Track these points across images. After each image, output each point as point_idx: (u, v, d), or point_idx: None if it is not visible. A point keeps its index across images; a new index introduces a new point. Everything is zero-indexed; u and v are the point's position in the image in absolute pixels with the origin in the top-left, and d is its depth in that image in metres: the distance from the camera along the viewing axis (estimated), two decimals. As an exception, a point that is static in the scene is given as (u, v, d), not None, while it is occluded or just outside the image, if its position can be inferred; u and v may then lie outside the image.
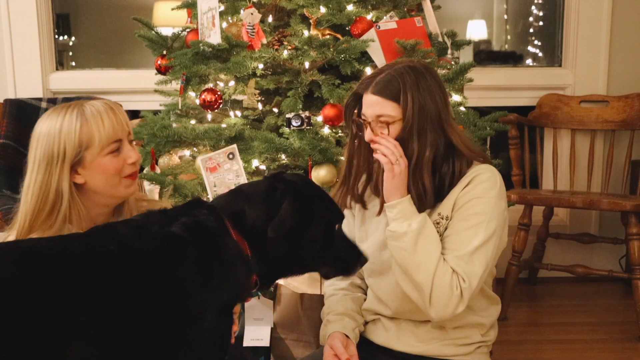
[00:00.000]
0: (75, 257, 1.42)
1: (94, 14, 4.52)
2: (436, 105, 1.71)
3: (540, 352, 2.80)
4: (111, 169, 1.72)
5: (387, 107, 1.70)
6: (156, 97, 2.73)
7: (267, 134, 2.26)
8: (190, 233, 1.49)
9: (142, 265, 1.44)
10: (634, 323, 2.96)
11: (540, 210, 3.46)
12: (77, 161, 1.70)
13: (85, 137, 1.69)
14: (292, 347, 2.26)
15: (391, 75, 1.71)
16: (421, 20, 2.46)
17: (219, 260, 1.49)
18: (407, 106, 1.68)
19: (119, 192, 1.76)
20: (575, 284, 3.58)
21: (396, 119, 1.70)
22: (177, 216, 1.53)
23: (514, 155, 3.45)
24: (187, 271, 1.45)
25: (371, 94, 1.72)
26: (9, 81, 3.53)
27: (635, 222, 2.96)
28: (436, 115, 1.71)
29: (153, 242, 1.47)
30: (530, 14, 4.47)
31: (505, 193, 1.76)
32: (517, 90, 3.69)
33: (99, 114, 1.71)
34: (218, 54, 2.27)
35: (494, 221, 1.69)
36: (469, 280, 1.64)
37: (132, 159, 1.74)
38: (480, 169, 1.74)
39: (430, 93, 1.71)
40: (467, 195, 1.70)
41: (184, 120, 2.49)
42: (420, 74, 1.72)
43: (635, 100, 3.45)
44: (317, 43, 2.26)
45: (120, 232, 1.49)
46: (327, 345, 1.79)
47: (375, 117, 1.71)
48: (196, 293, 1.45)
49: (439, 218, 1.72)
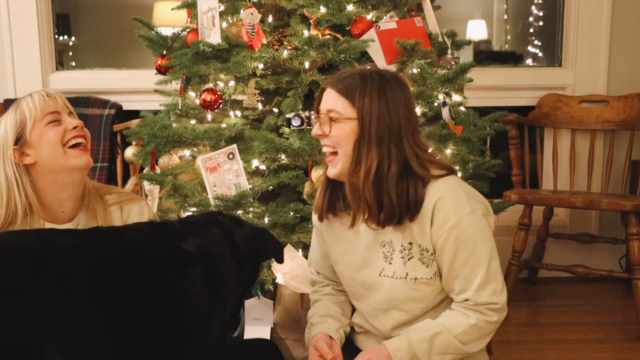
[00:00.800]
0: (67, 254, 1.39)
1: (94, 14, 4.52)
2: (397, 117, 1.64)
3: (540, 352, 2.80)
4: (52, 137, 1.77)
5: (338, 102, 1.65)
6: (156, 97, 2.73)
7: (267, 134, 2.26)
8: (200, 253, 1.51)
9: (147, 273, 1.43)
10: (634, 323, 2.96)
11: (540, 210, 3.46)
12: (21, 142, 1.77)
13: (20, 118, 1.77)
14: (292, 347, 2.26)
15: (354, 76, 1.67)
16: (421, 20, 2.46)
17: (223, 280, 1.53)
18: (363, 108, 1.62)
19: (69, 163, 1.79)
20: (575, 284, 3.58)
21: (343, 118, 1.64)
22: (185, 234, 1.55)
23: (514, 155, 3.45)
24: (192, 288, 1.46)
25: (330, 89, 1.69)
26: (9, 81, 3.53)
27: (635, 222, 2.96)
28: (396, 129, 1.64)
29: (160, 253, 1.47)
30: (530, 14, 4.47)
31: (473, 193, 1.70)
32: (517, 90, 3.69)
33: (29, 95, 1.81)
34: (218, 54, 2.27)
35: (484, 234, 1.65)
36: (499, 297, 1.65)
37: (72, 124, 1.80)
38: (439, 191, 1.65)
39: (394, 104, 1.64)
40: (443, 230, 1.63)
41: (184, 120, 2.49)
42: (387, 83, 1.66)
43: (635, 100, 3.45)
44: (317, 43, 2.25)
45: (127, 236, 1.50)
46: (311, 346, 1.78)
47: (326, 111, 1.68)
48: (200, 310, 1.46)
49: (420, 249, 1.67)
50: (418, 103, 2.33)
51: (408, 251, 1.69)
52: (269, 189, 2.30)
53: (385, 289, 1.73)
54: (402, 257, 1.70)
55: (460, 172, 2.42)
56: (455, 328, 1.64)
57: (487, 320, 1.65)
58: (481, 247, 1.65)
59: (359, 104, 1.63)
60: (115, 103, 3.42)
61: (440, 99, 2.35)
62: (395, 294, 1.72)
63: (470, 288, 1.65)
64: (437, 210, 1.63)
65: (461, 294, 1.67)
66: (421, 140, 1.73)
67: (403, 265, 1.69)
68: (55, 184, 1.80)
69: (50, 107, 1.79)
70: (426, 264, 1.68)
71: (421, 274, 1.69)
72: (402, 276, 1.70)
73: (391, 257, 1.71)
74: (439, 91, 2.35)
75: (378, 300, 1.75)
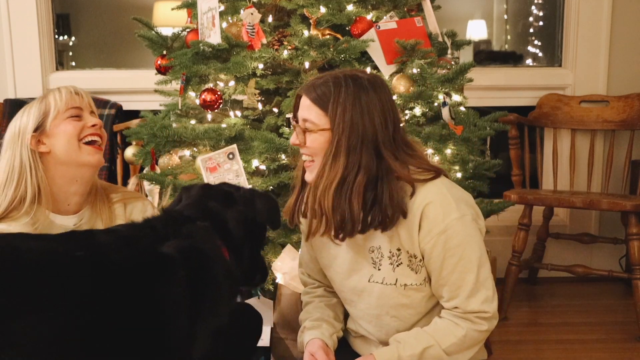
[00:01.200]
0: (27, 259, 1.31)
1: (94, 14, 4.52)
2: (372, 124, 1.59)
3: (540, 352, 2.80)
4: (70, 130, 1.83)
5: (312, 112, 1.61)
6: (156, 97, 2.73)
7: (267, 134, 2.26)
8: (183, 255, 1.41)
9: (118, 280, 1.33)
10: (634, 323, 2.96)
11: (540, 210, 3.46)
12: (40, 130, 1.82)
13: (44, 107, 1.84)
14: (292, 347, 2.26)
15: (328, 83, 1.61)
16: (421, 20, 2.46)
17: (213, 283, 1.44)
18: (336, 118, 1.57)
19: (81, 158, 1.84)
20: (575, 284, 3.58)
21: (317, 128, 1.60)
22: (167, 233, 1.46)
23: (514, 155, 3.45)
24: (173, 294, 1.36)
25: (305, 97, 1.64)
26: (9, 81, 3.53)
27: (635, 222, 2.96)
28: (371, 136, 1.58)
29: (137, 257, 1.38)
30: (530, 14, 4.47)
31: (461, 196, 1.66)
32: (517, 90, 3.69)
33: (57, 89, 1.87)
34: (218, 54, 2.27)
35: (473, 240, 1.62)
36: (490, 305, 1.63)
37: (91, 122, 1.86)
38: (426, 196, 1.61)
39: (369, 111, 1.59)
40: (431, 236, 1.60)
41: (184, 120, 2.49)
42: (362, 88, 1.60)
43: (635, 100, 3.45)
44: (317, 43, 2.25)
45: (101, 239, 1.41)
46: (307, 351, 1.75)
47: (302, 120, 1.64)
48: (182, 319, 1.36)
49: (408, 256, 1.65)
50: (418, 103, 2.33)
51: (397, 257, 1.66)
52: (269, 189, 2.30)
53: (376, 295, 1.71)
54: (390, 264, 1.67)
55: (460, 172, 2.42)
56: (445, 340, 1.62)
57: (477, 330, 1.63)
58: (470, 253, 1.61)
59: (331, 114, 1.59)
60: (115, 103, 3.42)
61: (440, 99, 2.35)
62: (385, 300, 1.70)
63: (460, 295, 1.62)
64: (424, 215, 1.60)
65: (450, 301, 1.65)
66: (407, 141, 1.69)
67: (392, 272, 1.68)
68: (65, 176, 1.84)
69: (75, 103, 1.85)
70: (415, 270, 1.66)
71: (410, 280, 1.67)
72: (392, 282, 1.68)
73: (380, 263, 1.69)
74: (439, 91, 2.35)
75: (370, 306, 1.74)
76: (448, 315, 1.66)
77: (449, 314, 1.66)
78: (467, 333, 1.63)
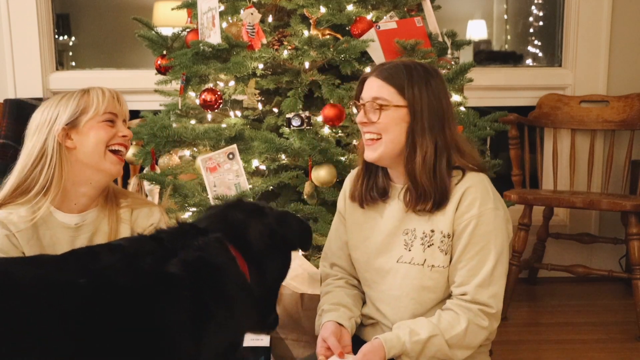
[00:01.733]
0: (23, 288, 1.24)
1: (94, 14, 4.52)
2: (441, 107, 1.70)
3: (540, 352, 2.80)
4: (102, 135, 1.81)
5: (385, 90, 1.69)
6: (156, 97, 2.73)
7: (267, 134, 2.26)
8: (189, 273, 1.35)
9: (120, 306, 1.28)
10: (634, 323, 2.96)
11: (540, 210, 3.46)
12: (72, 124, 1.79)
13: (84, 104, 1.80)
14: (292, 347, 2.26)
15: (400, 66, 1.71)
16: (421, 20, 2.46)
17: (222, 300, 1.38)
18: (414, 97, 1.67)
19: (103, 165, 1.82)
20: (575, 284, 3.58)
21: (391, 105, 1.68)
22: (175, 247, 1.40)
23: (514, 155, 3.45)
24: (175, 317, 1.31)
25: (374, 77, 1.72)
26: (9, 81, 3.52)
27: (635, 222, 2.96)
28: (442, 118, 1.70)
29: (140, 279, 1.32)
30: (530, 14, 4.47)
31: (499, 197, 1.74)
32: (517, 90, 3.69)
33: (100, 89, 1.84)
34: (218, 54, 2.27)
35: (500, 235, 1.68)
36: (496, 302, 1.66)
37: (123, 132, 1.84)
38: (470, 181, 1.71)
39: (440, 93, 1.71)
40: (465, 216, 1.67)
41: (184, 120, 2.49)
42: (429, 74, 1.72)
43: (635, 100, 3.45)
44: (317, 43, 2.25)
45: (104, 260, 1.34)
46: (320, 337, 1.75)
47: (371, 98, 1.70)
48: (187, 342, 1.32)
49: (441, 236, 1.70)
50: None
51: (429, 238, 1.71)
52: (269, 189, 2.30)
53: (401, 275, 1.74)
54: (422, 244, 1.72)
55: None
56: (448, 331, 1.65)
57: (478, 324, 1.66)
58: (493, 245, 1.67)
59: (408, 93, 1.68)
60: (115, 103, 3.42)
61: (440, 99, 2.35)
62: (409, 280, 1.73)
63: (471, 282, 1.66)
64: (464, 197, 1.68)
65: (461, 286, 1.68)
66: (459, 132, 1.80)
67: (422, 252, 1.72)
68: (80, 175, 1.82)
69: (114, 109, 1.83)
70: (444, 251, 1.70)
71: (438, 262, 1.71)
72: (420, 262, 1.72)
73: (412, 244, 1.74)
74: (439, 91, 2.34)
75: (392, 287, 1.76)
76: (453, 305, 1.68)
77: (454, 303, 1.69)
78: (468, 326, 1.65)
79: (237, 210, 1.60)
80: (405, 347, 1.64)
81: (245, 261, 1.48)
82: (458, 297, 1.69)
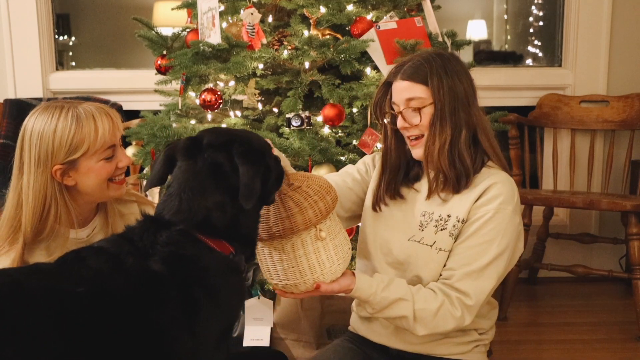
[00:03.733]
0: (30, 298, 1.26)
1: (94, 14, 4.52)
2: (464, 87, 1.73)
3: (540, 352, 2.80)
4: (103, 174, 1.72)
5: (415, 89, 1.71)
6: (156, 97, 2.73)
7: (267, 134, 2.26)
8: (170, 270, 1.36)
9: (116, 311, 1.30)
10: (634, 323, 2.96)
11: (540, 210, 3.46)
12: (70, 165, 1.68)
13: (80, 142, 1.67)
14: (292, 347, 2.26)
15: (418, 61, 1.74)
16: (421, 20, 2.46)
17: (206, 291, 1.38)
18: (436, 87, 1.70)
19: (107, 195, 1.77)
20: (575, 284, 3.58)
21: (426, 102, 1.71)
22: (145, 246, 1.39)
23: (514, 155, 3.45)
24: (169, 316, 1.33)
25: (400, 80, 1.74)
26: (9, 81, 3.53)
27: (635, 222, 2.96)
28: (465, 98, 1.73)
29: (129, 283, 1.33)
30: (530, 14, 4.47)
31: (520, 205, 1.75)
32: (517, 90, 3.69)
33: (93, 119, 1.69)
34: (218, 54, 2.27)
35: (507, 237, 1.68)
36: (476, 297, 1.65)
37: (123, 163, 1.75)
38: (499, 178, 1.72)
39: (458, 76, 1.73)
40: (483, 208, 1.69)
41: (184, 120, 2.49)
42: (446, 59, 1.75)
43: (635, 100, 3.45)
44: (317, 43, 2.26)
45: (93, 266, 1.35)
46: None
47: (405, 101, 1.73)
48: (183, 337, 1.34)
49: (455, 221, 1.71)
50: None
51: (444, 222, 1.72)
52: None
53: (407, 252, 1.75)
54: (435, 226, 1.73)
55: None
56: (420, 303, 1.64)
57: (450, 311, 1.64)
58: (497, 243, 1.66)
59: (432, 85, 1.70)
60: (115, 103, 3.42)
61: (440, 99, 2.35)
62: (415, 257, 1.74)
63: (461, 269, 1.66)
64: (489, 190, 1.70)
65: (449, 270, 1.68)
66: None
67: (434, 234, 1.73)
68: (85, 202, 1.78)
69: (112, 140, 1.71)
70: (454, 235, 1.71)
71: (446, 246, 1.71)
72: (429, 244, 1.73)
73: (426, 225, 1.75)
74: (439, 91, 2.34)
75: (396, 261, 1.77)
76: (433, 286, 1.68)
77: (436, 285, 1.69)
78: (441, 307, 1.64)
79: (195, 184, 1.45)
80: (373, 297, 1.63)
81: (219, 238, 1.44)
82: (442, 280, 1.69)
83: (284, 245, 1.57)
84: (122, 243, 1.41)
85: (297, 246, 1.57)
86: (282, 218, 1.54)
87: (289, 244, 1.57)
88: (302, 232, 1.55)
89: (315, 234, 1.57)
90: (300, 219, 1.54)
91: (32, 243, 1.73)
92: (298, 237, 1.56)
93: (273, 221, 1.55)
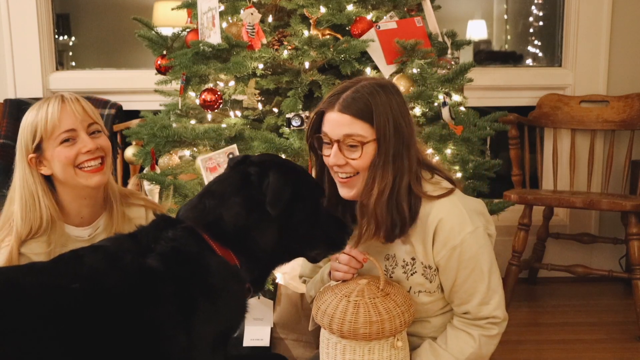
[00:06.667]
0: (25, 296, 1.27)
1: (94, 14, 4.52)
2: (407, 128, 1.60)
3: (540, 352, 2.80)
4: (63, 159, 1.73)
5: (356, 126, 1.57)
6: (156, 97, 2.73)
7: (267, 134, 2.26)
8: (168, 266, 1.35)
9: (110, 308, 1.30)
10: (634, 323, 2.96)
11: (540, 210, 3.46)
12: (40, 153, 1.74)
13: (36, 127, 1.73)
14: (292, 347, 2.26)
15: (360, 93, 1.58)
16: (421, 20, 2.46)
17: (205, 290, 1.37)
18: (382, 128, 1.56)
19: (79, 182, 1.77)
20: (575, 284, 3.58)
21: (369, 140, 1.57)
22: (149, 242, 1.40)
23: (514, 155, 3.45)
24: (165, 313, 1.32)
25: (338, 112, 1.58)
26: (9, 81, 3.53)
27: (635, 222, 2.96)
28: (408, 139, 1.60)
29: (125, 279, 1.33)
30: (530, 14, 4.47)
31: (473, 207, 1.67)
32: (517, 90, 3.69)
33: (47, 105, 1.74)
34: (218, 54, 2.27)
35: (485, 251, 1.65)
36: (500, 310, 1.67)
37: (86, 148, 1.74)
38: (442, 211, 1.62)
39: (402, 115, 1.59)
40: (445, 250, 1.62)
41: (184, 120, 2.49)
42: (390, 93, 1.60)
43: (635, 100, 3.45)
44: (317, 43, 2.25)
45: (88, 263, 1.36)
46: (331, 266, 1.70)
47: (343, 136, 1.59)
48: (178, 335, 1.33)
49: (423, 267, 1.67)
50: (418, 103, 2.33)
51: (411, 266, 1.68)
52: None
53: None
54: (404, 272, 1.69)
55: (460, 172, 2.42)
56: (462, 353, 1.66)
57: (488, 335, 1.67)
58: (482, 264, 1.64)
59: (377, 124, 1.56)
60: (115, 103, 3.42)
61: (440, 99, 2.35)
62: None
63: (471, 302, 1.66)
64: (439, 229, 1.61)
65: (462, 306, 1.68)
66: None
67: (406, 280, 1.69)
68: (70, 194, 1.79)
69: (67, 125, 1.73)
70: (429, 279, 1.68)
71: (424, 288, 1.69)
72: (406, 289, 1.71)
73: (392, 270, 1.71)
74: (439, 91, 2.35)
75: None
76: (459, 324, 1.68)
77: (460, 321, 1.69)
78: (479, 340, 1.66)
79: (218, 188, 1.49)
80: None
81: (226, 245, 1.43)
82: (461, 316, 1.68)
83: (362, 346, 1.59)
84: (123, 241, 1.43)
85: (374, 350, 1.59)
86: (372, 322, 1.56)
87: (367, 347, 1.59)
88: (384, 338, 1.59)
89: (392, 342, 1.60)
90: (388, 326, 1.57)
91: (29, 235, 1.75)
92: (377, 342, 1.59)
93: (362, 322, 1.56)
